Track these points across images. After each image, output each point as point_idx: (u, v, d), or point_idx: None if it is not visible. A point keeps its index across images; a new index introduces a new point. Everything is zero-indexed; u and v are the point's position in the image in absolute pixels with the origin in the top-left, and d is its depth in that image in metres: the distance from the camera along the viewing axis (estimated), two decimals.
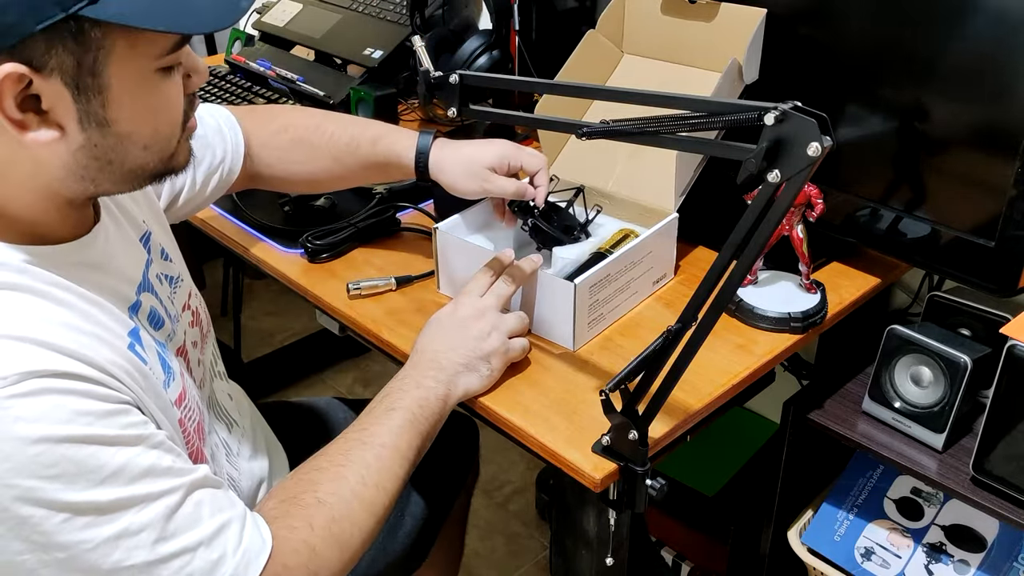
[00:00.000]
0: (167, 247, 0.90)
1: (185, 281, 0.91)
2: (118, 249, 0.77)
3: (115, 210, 0.81)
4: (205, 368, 0.92)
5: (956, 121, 0.95)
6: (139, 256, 0.81)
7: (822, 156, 0.64)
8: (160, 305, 0.81)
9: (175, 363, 0.80)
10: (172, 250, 0.91)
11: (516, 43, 1.44)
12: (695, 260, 1.15)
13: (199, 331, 0.92)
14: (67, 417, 0.61)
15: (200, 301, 0.95)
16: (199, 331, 0.92)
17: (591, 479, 0.83)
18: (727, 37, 1.09)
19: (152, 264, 0.83)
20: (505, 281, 0.97)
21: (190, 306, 0.90)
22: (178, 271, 0.90)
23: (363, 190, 1.32)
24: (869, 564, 1.14)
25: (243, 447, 0.97)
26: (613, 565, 0.93)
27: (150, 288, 0.80)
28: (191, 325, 0.89)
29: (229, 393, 1.01)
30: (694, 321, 0.75)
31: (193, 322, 0.90)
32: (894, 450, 1.04)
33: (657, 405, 0.79)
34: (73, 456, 0.60)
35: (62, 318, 0.66)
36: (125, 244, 0.80)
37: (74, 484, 0.60)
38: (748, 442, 1.54)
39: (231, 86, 1.65)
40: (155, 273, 0.83)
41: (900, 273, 1.17)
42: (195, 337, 0.90)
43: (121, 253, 0.78)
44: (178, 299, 0.87)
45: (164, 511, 0.65)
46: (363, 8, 1.72)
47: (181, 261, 0.93)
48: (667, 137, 0.75)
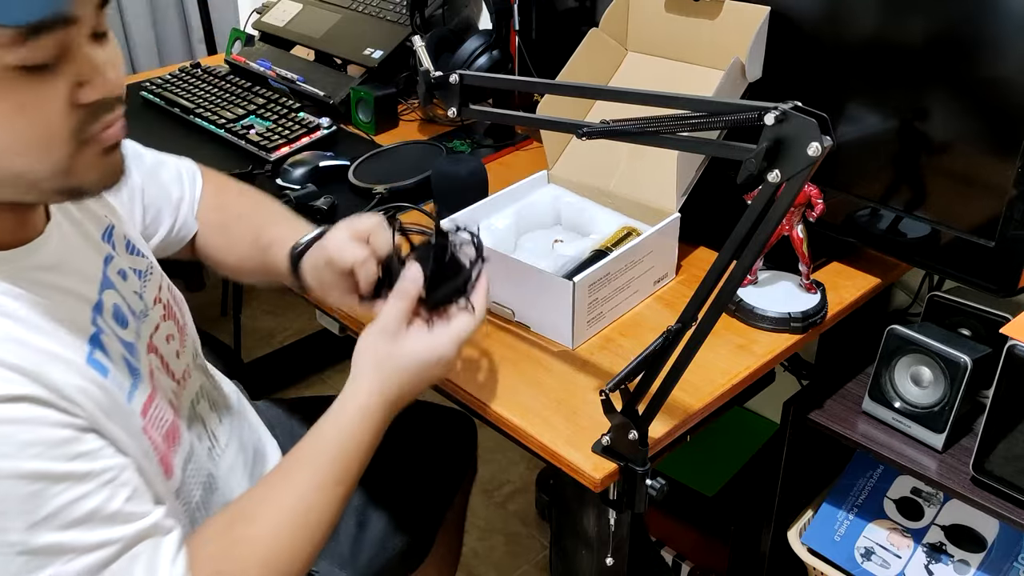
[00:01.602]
0: (133, 239, 0.87)
1: (155, 274, 0.88)
2: (74, 248, 0.75)
3: (71, 206, 0.78)
4: (185, 362, 0.89)
5: (956, 121, 0.95)
6: (98, 253, 0.79)
7: (822, 156, 0.64)
8: (124, 302, 0.79)
9: (144, 362, 0.78)
10: (140, 242, 0.89)
11: (516, 43, 1.44)
12: (696, 260, 1.15)
13: (175, 324, 0.89)
14: (14, 450, 0.58)
15: (174, 294, 0.92)
16: (175, 324, 0.89)
17: (591, 479, 0.83)
18: (731, 35, 1.09)
19: (114, 259, 0.80)
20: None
21: (161, 299, 0.87)
22: (147, 264, 0.87)
23: (363, 190, 1.32)
24: (869, 564, 1.14)
25: (232, 440, 0.95)
26: (613, 565, 0.93)
27: (111, 285, 0.78)
28: (164, 319, 0.87)
29: (218, 385, 0.98)
30: (694, 321, 0.75)
31: (166, 315, 0.87)
32: (894, 450, 1.04)
33: (657, 405, 0.79)
34: (16, 492, 0.58)
35: (11, 333, 0.63)
36: (83, 241, 0.77)
37: (10, 522, 0.58)
38: (748, 442, 1.54)
39: (231, 86, 1.65)
40: (117, 269, 0.80)
41: (900, 273, 1.17)
42: (170, 331, 0.87)
43: (78, 252, 0.75)
44: (148, 293, 0.85)
45: (93, 565, 0.62)
46: (363, 8, 1.72)
47: (150, 252, 0.90)
48: (667, 137, 0.75)
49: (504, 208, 1.16)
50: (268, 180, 1.37)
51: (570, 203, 1.18)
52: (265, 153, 1.42)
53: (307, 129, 1.48)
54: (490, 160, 1.42)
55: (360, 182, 1.33)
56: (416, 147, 1.46)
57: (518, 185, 1.18)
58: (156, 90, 1.67)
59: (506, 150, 1.47)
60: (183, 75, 1.72)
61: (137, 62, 2.24)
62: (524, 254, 1.10)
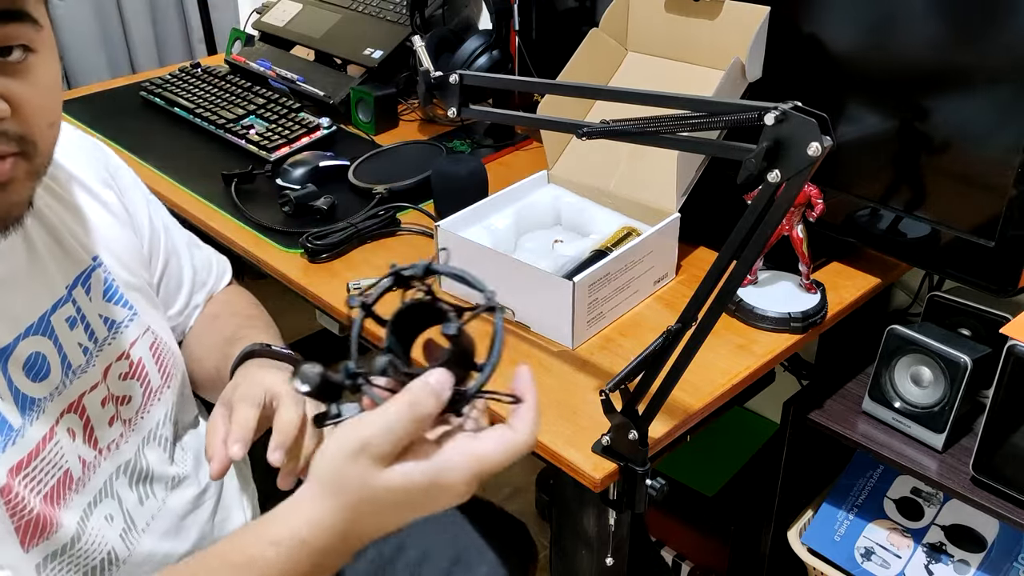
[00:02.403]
0: (121, 286, 0.82)
1: (134, 326, 0.82)
2: (14, 284, 0.70)
3: (41, 239, 0.74)
4: (134, 430, 0.81)
5: (956, 121, 0.95)
6: (45, 296, 0.74)
7: (822, 156, 0.64)
8: (58, 353, 0.73)
9: (42, 422, 0.71)
10: (132, 291, 0.84)
11: (516, 43, 1.44)
12: (696, 260, 1.15)
13: (139, 386, 0.82)
14: None
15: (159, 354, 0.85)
16: (139, 386, 0.82)
17: (591, 479, 0.83)
18: (731, 35, 1.09)
19: (68, 304, 0.75)
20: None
21: (129, 356, 0.81)
22: (127, 315, 0.82)
23: (363, 190, 1.32)
24: (869, 564, 1.14)
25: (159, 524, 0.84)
26: (613, 565, 0.93)
27: (47, 331, 0.73)
28: (123, 377, 0.80)
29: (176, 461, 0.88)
30: (694, 321, 0.75)
31: (128, 375, 0.81)
32: (894, 450, 1.04)
33: (657, 405, 0.79)
34: None
35: None
36: (29, 279, 0.72)
37: None
38: (748, 442, 1.54)
39: (231, 86, 1.65)
40: (66, 316, 0.75)
41: (900, 273, 1.17)
42: (127, 392, 0.80)
43: (15, 289, 0.70)
44: (111, 348, 0.79)
45: None
46: (363, 8, 1.72)
47: (146, 304, 0.85)
48: (667, 137, 0.75)
49: (504, 208, 1.16)
50: (268, 180, 1.37)
51: (570, 203, 1.18)
52: (265, 153, 1.42)
53: (307, 129, 1.48)
54: (490, 160, 1.42)
55: (360, 182, 1.33)
56: (416, 147, 1.46)
57: (518, 185, 1.18)
58: (156, 90, 1.67)
59: (506, 150, 1.47)
60: (183, 75, 1.72)
61: (137, 62, 2.24)
62: (524, 254, 1.10)
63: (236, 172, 1.37)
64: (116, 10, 2.18)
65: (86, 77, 2.12)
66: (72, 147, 0.86)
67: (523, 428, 0.58)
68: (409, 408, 0.54)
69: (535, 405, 0.59)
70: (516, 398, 0.59)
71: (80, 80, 2.12)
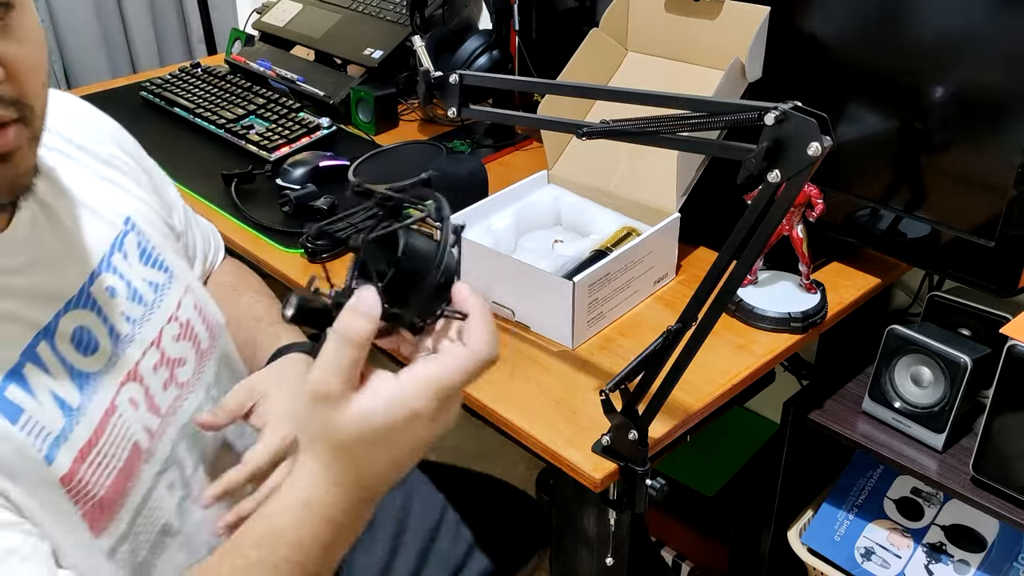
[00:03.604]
0: (157, 248, 0.80)
1: (176, 287, 0.81)
2: (44, 259, 0.68)
3: (64, 208, 0.72)
4: (190, 393, 0.80)
5: (956, 121, 0.95)
6: (82, 266, 0.72)
7: (822, 156, 0.64)
8: (103, 324, 0.71)
9: (101, 397, 0.69)
10: (167, 252, 0.82)
11: (516, 43, 1.44)
12: (696, 260, 1.15)
13: (192, 347, 0.81)
14: None
15: (204, 313, 0.84)
16: (192, 347, 0.81)
17: (591, 479, 0.83)
18: (731, 35, 1.09)
19: (108, 273, 0.73)
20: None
21: (178, 317, 0.80)
22: (166, 277, 0.80)
23: (363, 190, 1.32)
24: (869, 564, 1.14)
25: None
26: (613, 565, 0.93)
27: (89, 304, 0.71)
28: (177, 339, 0.79)
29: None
30: (694, 321, 0.75)
31: (181, 335, 0.80)
32: (894, 450, 1.04)
33: (657, 405, 0.79)
34: None
35: None
36: (60, 252, 0.70)
37: None
38: (748, 442, 1.54)
39: (231, 86, 1.65)
40: (106, 285, 0.73)
41: (900, 273, 1.17)
42: (182, 354, 0.79)
43: (46, 265, 0.68)
44: (161, 310, 0.78)
45: None
46: (363, 8, 1.72)
47: (179, 263, 0.84)
48: (667, 137, 0.75)
49: (504, 208, 1.16)
50: (268, 180, 1.37)
51: (570, 203, 1.18)
52: (265, 153, 1.42)
53: (307, 129, 1.48)
54: (490, 160, 1.42)
55: None
56: (416, 147, 1.46)
57: (518, 185, 1.18)
58: (156, 90, 1.67)
59: (506, 150, 1.47)
60: (183, 75, 1.72)
61: (137, 62, 2.25)
62: (524, 254, 1.10)
63: (236, 172, 1.37)
64: (116, 10, 2.18)
65: (86, 77, 2.12)
66: (81, 115, 0.85)
67: (474, 341, 0.56)
68: (339, 337, 0.53)
69: (482, 315, 0.57)
70: (462, 314, 0.57)
71: (80, 80, 2.13)
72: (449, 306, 0.58)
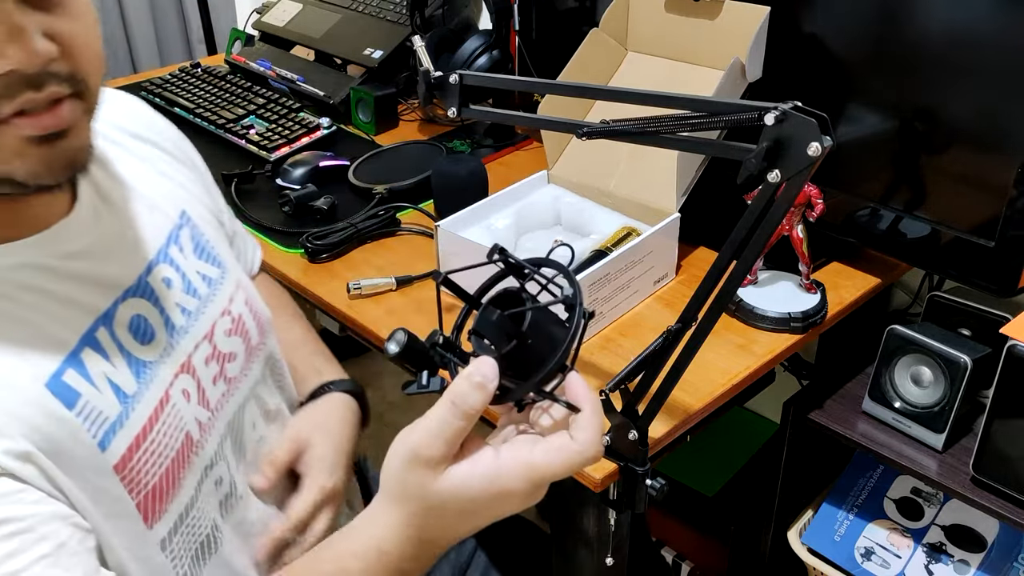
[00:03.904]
0: (212, 243, 0.81)
1: (228, 282, 0.81)
2: (104, 247, 0.68)
3: (122, 198, 0.72)
4: (237, 389, 0.80)
5: (956, 121, 0.95)
6: (139, 255, 0.72)
7: (822, 156, 0.63)
8: (159, 314, 0.71)
9: (156, 386, 0.69)
10: (220, 247, 0.82)
11: (516, 43, 1.44)
12: (696, 260, 1.15)
13: (243, 342, 0.81)
14: None
15: (254, 309, 0.84)
16: (243, 342, 0.81)
17: (591, 479, 0.83)
18: (731, 35, 1.09)
19: (164, 264, 0.73)
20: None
21: (231, 312, 0.80)
22: (219, 272, 0.80)
23: (363, 190, 1.32)
24: (869, 564, 1.14)
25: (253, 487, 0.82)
26: (613, 565, 0.93)
27: (146, 293, 0.71)
28: (229, 333, 0.79)
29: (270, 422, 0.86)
30: (694, 321, 0.75)
31: (232, 330, 0.79)
32: (894, 450, 1.04)
33: (657, 405, 0.79)
34: None
35: None
36: (119, 240, 0.70)
37: None
38: (748, 442, 1.54)
39: (231, 86, 1.65)
40: (163, 276, 0.73)
41: (900, 273, 1.17)
42: (234, 348, 0.79)
43: (106, 252, 0.68)
44: (214, 304, 0.78)
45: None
46: (363, 8, 1.72)
47: (230, 258, 0.84)
48: (667, 137, 0.75)
49: (504, 208, 1.16)
50: (268, 180, 1.37)
51: (570, 203, 1.18)
52: (265, 153, 1.42)
53: (307, 129, 1.48)
54: (490, 160, 1.42)
55: (360, 182, 1.33)
56: (416, 147, 1.46)
57: (518, 185, 1.18)
58: (156, 90, 1.67)
59: (506, 150, 1.47)
60: (183, 75, 1.72)
61: (137, 62, 2.25)
62: (524, 254, 1.10)
63: (236, 172, 1.37)
64: (117, 10, 2.18)
65: None
66: (138, 110, 0.85)
67: (583, 439, 0.56)
68: (452, 406, 0.54)
69: (594, 414, 0.57)
70: (572, 406, 0.57)
71: None
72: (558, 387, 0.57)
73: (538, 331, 0.56)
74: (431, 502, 0.56)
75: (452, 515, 0.57)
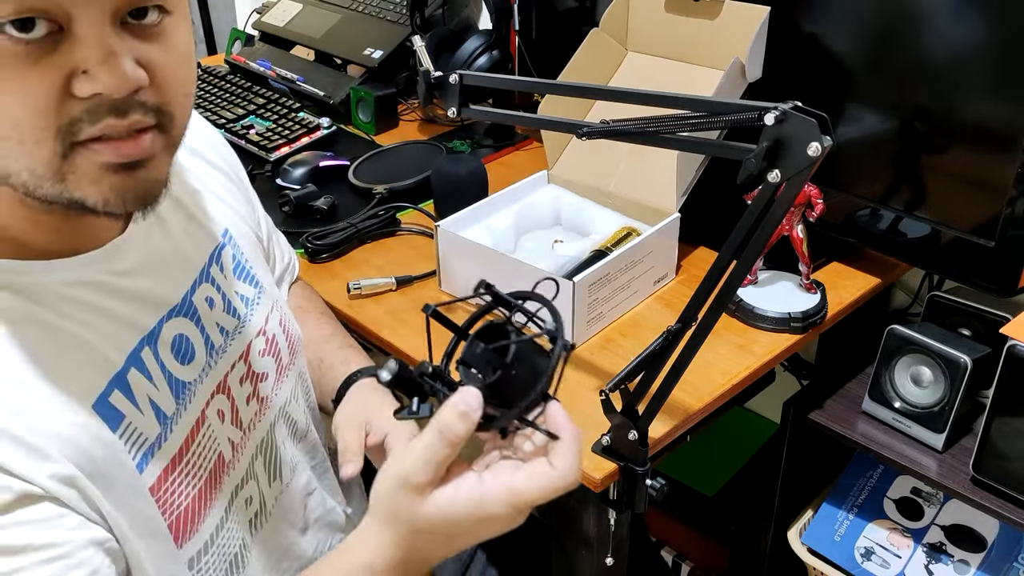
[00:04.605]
0: (250, 262, 0.80)
1: (264, 302, 0.81)
2: (153, 265, 0.68)
3: (174, 217, 0.72)
4: (268, 408, 0.80)
5: (956, 121, 0.95)
6: (185, 275, 0.71)
7: (822, 156, 0.63)
8: (200, 333, 0.71)
9: (194, 406, 0.69)
10: (259, 266, 0.82)
11: (516, 43, 1.44)
12: (696, 260, 1.15)
13: (275, 362, 0.81)
14: None
15: (287, 329, 0.84)
16: (275, 362, 0.81)
17: (591, 479, 0.83)
18: (731, 35, 1.09)
19: (207, 284, 0.73)
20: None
21: (266, 332, 0.80)
22: (256, 292, 0.80)
23: (363, 190, 1.32)
24: (869, 564, 1.14)
25: (278, 507, 0.82)
26: (613, 565, 0.93)
27: (189, 313, 0.70)
28: (263, 354, 0.79)
29: (298, 440, 0.87)
30: (694, 321, 0.75)
31: (266, 351, 0.80)
32: (894, 450, 1.04)
33: (657, 405, 0.79)
34: None
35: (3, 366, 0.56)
36: (166, 259, 0.70)
37: None
38: (748, 442, 1.54)
39: (231, 86, 1.65)
40: (205, 295, 0.73)
41: (900, 273, 1.17)
42: (267, 368, 0.79)
43: (154, 270, 0.68)
44: (251, 324, 0.78)
45: None
46: (363, 8, 1.72)
47: (268, 278, 0.84)
48: (667, 137, 0.75)
49: (504, 208, 1.16)
50: (268, 180, 1.37)
51: (570, 203, 1.18)
52: (265, 153, 1.42)
53: (307, 129, 1.48)
54: (490, 160, 1.42)
55: (360, 182, 1.33)
56: (416, 147, 1.46)
57: (518, 185, 1.18)
58: None
59: (506, 150, 1.47)
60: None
61: None
62: (524, 254, 1.10)
63: None
64: None
65: None
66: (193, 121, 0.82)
67: (561, 466, 0.58)
68: (439, 435, 0.56)
69: (572, 442, 0.59)
70: (552, 434, 0.59)
71: None
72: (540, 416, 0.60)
73: (522, 361, 0.58)
74: (418, 524, 0.58)
75: (438, 536, 0.60)
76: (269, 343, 0.81)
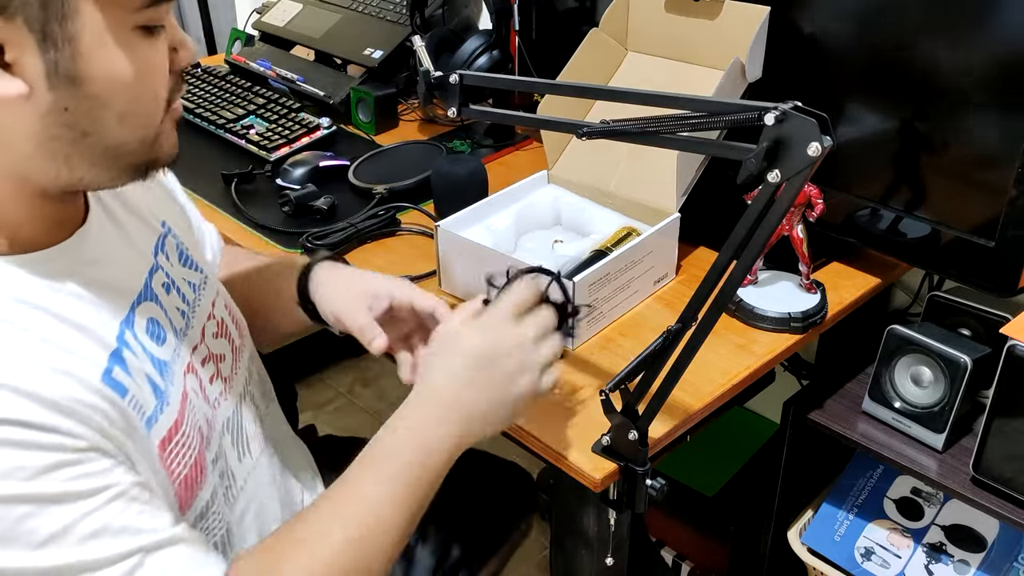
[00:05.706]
0: (190, 249, 0.84)
1: (209, 287, 0.85)
2: (114, 253, 0.72)
3: (117, 209, 0.75)
4: (231, 387, 0.84)
5: (956, 121, 0.95)
6: (141, 262, 0.75)
7: (822, 156, 0.64)
8: (165, 316, 0.75)
9: (176, 385, 0.73)
10: (197, 253, 0.86)
11: (516, 43, 1.44)
12: (696, 260, 1.15)
13: (228, 343, 0.85)
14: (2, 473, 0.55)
15: (231, 311, 0.88)
16: (228, 343, 0.85)
17: (591, 479, 0.83)
18: (731, 35, 1.09)
19: (159, 271, 0.77)
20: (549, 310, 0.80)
21: (215, 315, 0.84)
22: (201, 277, 0.84)
23: (363, 190, 1.32)
24: (869, 564, 1.14)
25: (251, 481, 0.86)
26: (613, 565, 0.93)
27: (153, 297, 0.74)
28: (215, 336, 0.83)
29: (261, 418, 0.90)
30: (694, 321, 0.75)
31: (218, 333, 0.84)
32: (894, 450, 1.04)
33: (657, 405, 0.79)
34: (8, 516, 0.55)
35: (22, 345, 0.59)
36: (124, 248, 0.74)
37: (9, 547, 0.55)
38: (748, 442, 1.54)
39: (231, 86, 1.65)
40: (162, 282, 0.77)
41: (900, 273, 1.17)
42: (221, 350, 0.83)
43: (116, 258, 0.72)
44: (201, 309, 0.81)
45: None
46: (363, 8, 1.72)
47: (207, 264, 0.88)
48: (667, 137, 0.75)
49: (504, 208, 1.16)
50: (268, 180, 1.37)
51: (570, 203, 1.18)
52: (265, 153, 1.42)
53: (307, 129, 1.48)
54: (490, 160, 1.42)
55: (360, 182, 1.33)
56: (416, 147, 1.46)
57: (518, 185, 1.18)
58: None
59: (506, 150, 1.47)
60: (183, 75, 1.72)
61: None
62: (524, 254, 1.10)
63: (236, 172, 1.37)
64: None
65: None
66: None
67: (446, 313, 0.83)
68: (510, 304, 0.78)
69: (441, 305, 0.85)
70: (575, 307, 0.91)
71: None
72: None
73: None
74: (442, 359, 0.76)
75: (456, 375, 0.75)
76: (220, 326, 0.84)
